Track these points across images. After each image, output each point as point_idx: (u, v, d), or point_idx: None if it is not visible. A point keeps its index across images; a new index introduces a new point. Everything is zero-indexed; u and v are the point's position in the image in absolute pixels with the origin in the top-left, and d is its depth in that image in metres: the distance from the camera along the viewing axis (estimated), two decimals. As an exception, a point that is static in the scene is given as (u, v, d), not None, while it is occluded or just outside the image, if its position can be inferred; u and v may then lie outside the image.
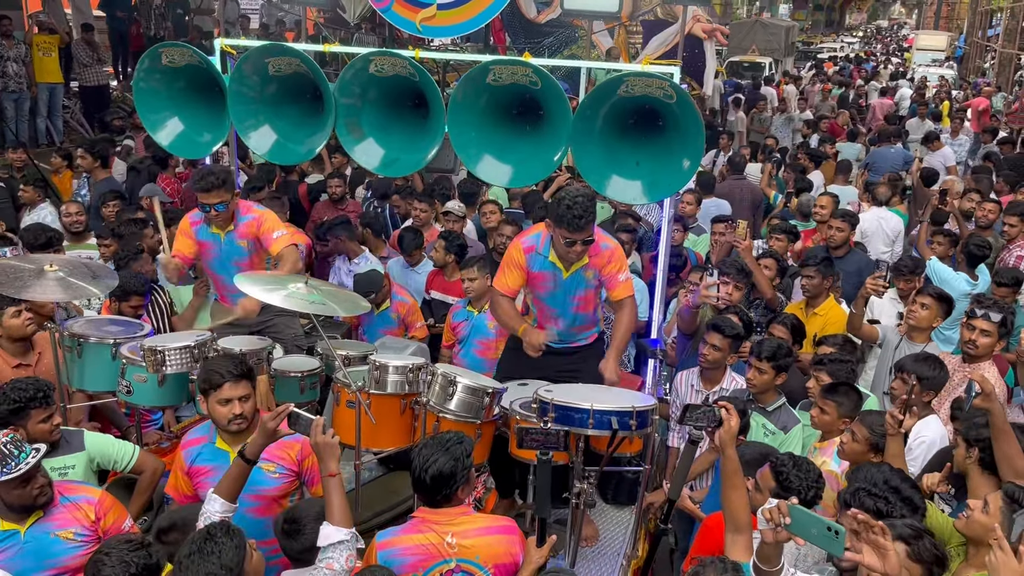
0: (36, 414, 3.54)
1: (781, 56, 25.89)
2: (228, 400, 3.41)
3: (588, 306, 4.39)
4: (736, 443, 3.16)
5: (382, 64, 4.75)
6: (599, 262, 4.27)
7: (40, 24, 11.82)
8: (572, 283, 4.28)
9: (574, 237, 4.08)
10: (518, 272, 4.33)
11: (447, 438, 3.14)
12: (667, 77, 4.40)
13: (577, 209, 3.99)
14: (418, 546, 3.03)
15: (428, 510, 3.12)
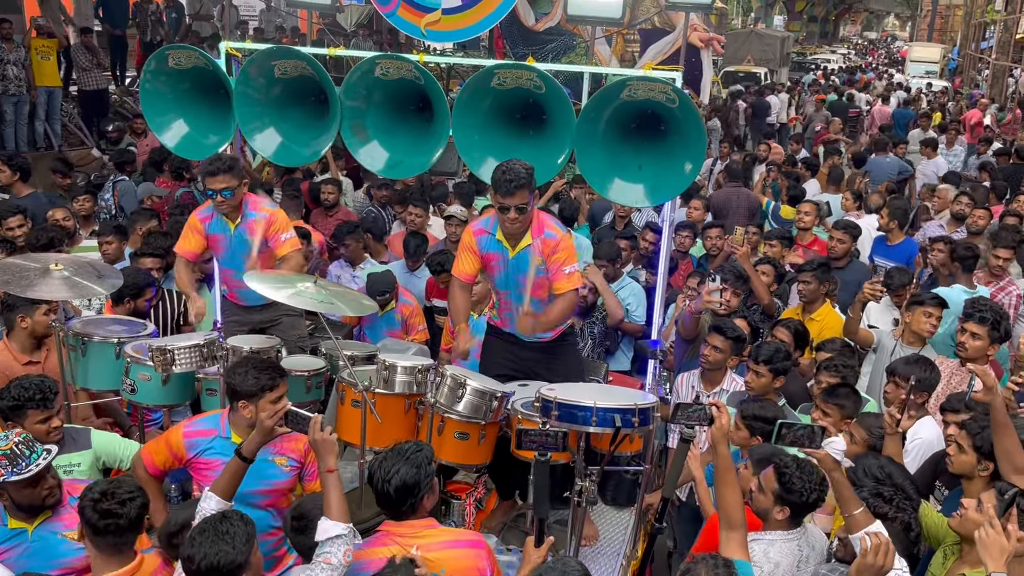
0: (33, 415, 3.55)
1: (776, 66, 26.08)
2: (280, 397, 3.44)
3: (541, 294, 4.32)
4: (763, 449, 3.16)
5: (387, 67, 4.80)
6: (544, 248, 4.22)
7: (38, 28, 11.84)
8: (518, 263, 4.26)
9: (506, 202, 4.06)
10: (471, 255, 4.34)
11: (406, 448, 3.09)
12: (670, 81, 4.46)
13: (509, 174, 4.01)
14: (382, 560, 2.95)
15: (393, 523, 3.08)
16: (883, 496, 3.14)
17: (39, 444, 3.12)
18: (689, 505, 4.69)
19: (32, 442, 3.09)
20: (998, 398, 3.40)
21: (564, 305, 4.25)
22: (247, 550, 2.67)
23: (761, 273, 5.85)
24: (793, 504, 3.21)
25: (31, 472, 3.02)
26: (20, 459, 3.01)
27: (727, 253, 6.40)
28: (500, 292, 4.42)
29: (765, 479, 3.31)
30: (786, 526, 3.27)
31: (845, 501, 2.98)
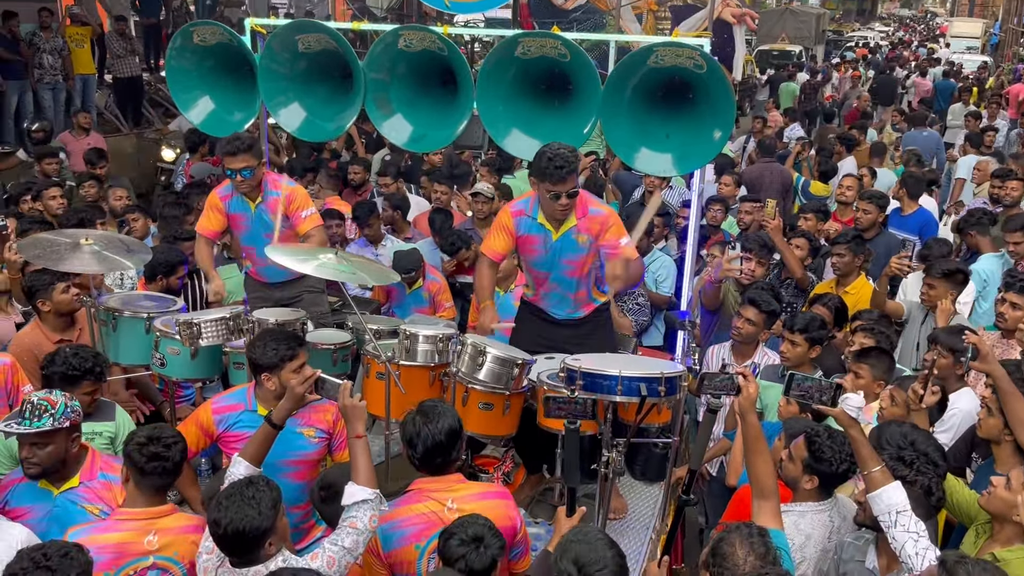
0: (87, 385, 3.63)
1: (811, 44, 25.58)
2: (302, 365, 3.47)
3: (581, 272, 4.29)
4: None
5: (411, 39, 4.76)
6: (591, 227, 4.17)
7: (73, 16, 11.99)
8: (562, 245, 4.21)
9: (558, 189, 4.00)
10: (506, 236, 4.28)
11: (435, 406, 3.14)
12: (698, 47, 4.36)
13: (558, 160, 3.94)
14: (419, 516, 3.02)
15: (426, 479, 3.11)
16: (903, 459, 3.05)
17: (54, 414, 3.14)
18: (719, 480, 4.62)
19: (47, 409, 3.12)
20: (995, 367, 3.33)
21: (631, 271, 4.18)
22: (273, 515, 2.68)
23: (795, 247, 5.73)
24: (822, 473, 3.15)
25: (22, 430, 3.09)
26: (25, 415, 3.10)
27: (759, 226, 6.30)
28: (539, 272, 4.36)
29: (795, 448, 3.25)
30: (816, 497, 3.20)
31: (863, 459, 2.90)
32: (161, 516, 2.99)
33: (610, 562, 2.50)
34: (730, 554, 2.55)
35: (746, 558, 2.53)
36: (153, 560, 2.91)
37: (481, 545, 2.68)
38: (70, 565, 2.48)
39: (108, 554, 2.87)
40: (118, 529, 2.94)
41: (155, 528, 2.95)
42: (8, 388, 4.04)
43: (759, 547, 2.56)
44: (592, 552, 2.51)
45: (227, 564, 2.73)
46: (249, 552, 2.68)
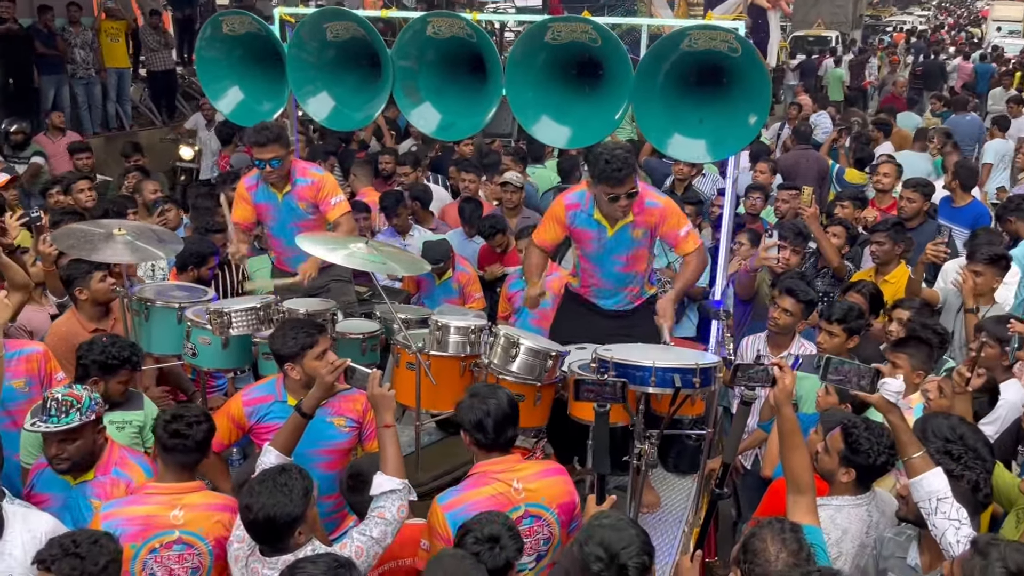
0: (123, 374, 3.68)
1: (848, 29, 25.11)
2: (324, 352, 3.48)
3: (636, 266, 4.27)
4: None
5: (439, 26, 4.71)
6: (649, 220, 4.15)
7: (108, 11, 12.12)
8: (617, 241, 4.19)
9: (616, 191, 3.97)
10: (558, 227, 4.28)
11: (483, 387, 3.23)
12: (732, 30, 4.26)
13: (616, 163, 3.89)
14: (488, 499, 3.02)
15: (488, 462, 3.11)
16: (951, 453, 2.95)
17: (79, 410, 3.14)
18: (754, 473, 4.55)
19: (73, 405, 3.12)
20: None
21: (698, 259, 4.23)
22: (304, 503, 2.69)
23: (831, 235, 5.60)
24: (859, 466, 3.06)
25: (47, 428, 3.09)
26: (49, 412, 3.10)
27: (795, 214, 6.17)
28: (590, 265, 4.33)
29: (831, 440, 3.16)
30: (853, 490, 3.12)
31: (903, 445, 2.81)
32: (187, 492, 3.04)
33: (635, 539, 2.47)
34: (762, 550, 2.49)
35: (778, 554, 2.47)
36: (179, 534, 2.95)
37: (497, 546, 2.65)
38: (99, 552, 2.50)
39: (136, 526, 2.93)
40: (145, 502, 2.99)
41: (181, 503, 2.99)
42: (41, 376, 4.07)
43: (792, 543, 2.49)
44: (617, 533, 2.47)
45: (257, 553, 2.74)
46: (279, 540, 2.68)
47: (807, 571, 2.43)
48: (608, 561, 2.43)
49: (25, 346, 4.10)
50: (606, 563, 2.43)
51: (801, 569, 2.43)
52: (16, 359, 3.93)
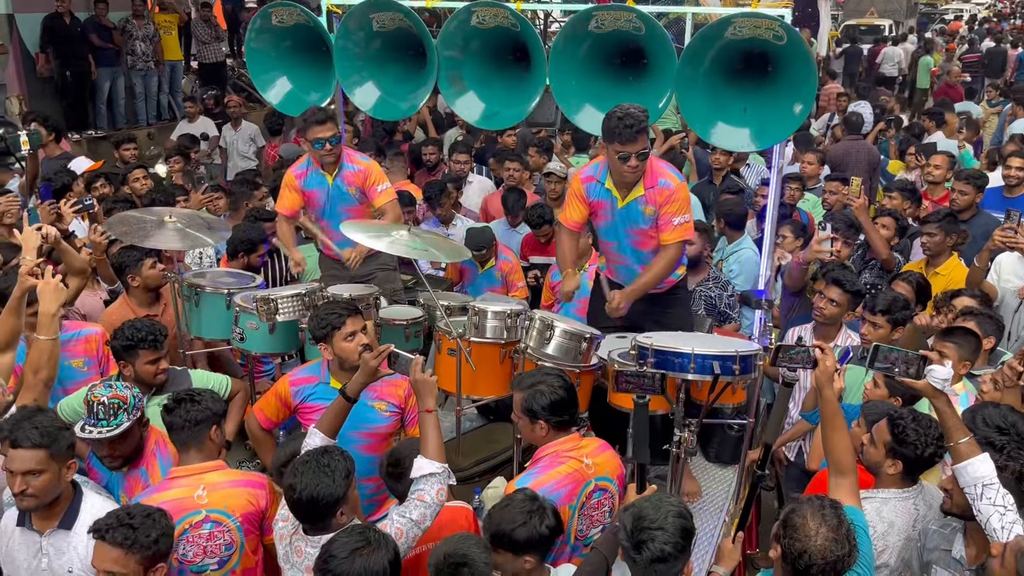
0: (144, 354, 3.70)
1: (902, 18, 24.47)
2: (352, 333, 3.54)
3: (649, 245, 4.23)
4: None
5: (484, 15, 4.74)
6: (657, 198, 4.09)
7: (161, 4, 12.40)
8: (627, 214, 4.16)
9: (627, 150, 3.92)
10: (579, 203, 4.26)
11: (542, 369, 3.29)
12: (778, 17, 4.20)
13: (628, 119, 3.86)
14: (564, 476, 3.09)
15: (555, 443, 3.17)
16: (993, 444, 2.90)
17: (125, 412, 3.17)
18: (798, 465, 4.51)
19: (120, 408, 3.15)
20: None
21: (668, 257, 4.15)
22: (346, 484, 2.74)
23: (881, 226, 5.50)
24: (906, 458, 3.02)
25: (94, 435, 3.12)
26: (97, 417, 3.12)
27: (843, 205, 6.08)
28: (606, 241, 4.34)
29: (877, 431, 3.12)
30: (899, 483, 3.08)
31: (949, 430, 2.78)
32: (207, 471, 3.09)
33: (669, 526, 2.48)
34: (801, 525, 2.47)
35: (818, 529, 2.45)
36: (205, 513, 3.01)
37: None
38: (152, 526, 2.58)
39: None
40: (171, 487, 3.05)
41: (203, 483, 3.05)
42: (99, 356, 4.22)
43: (831, 519, 2.47)
44: (655, 512, 2.50)
45: (300, 531, 2.80)
46: (321, 519, 2.73)
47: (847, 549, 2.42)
48: (628, 531, 2.48)
49: (84, 327, 4.26)
50: (626, 531, 2.49)
51: (841, 544, 2.42)
52: (75, 340, 4.09)
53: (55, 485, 2.83)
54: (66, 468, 2.87)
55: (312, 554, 2.71)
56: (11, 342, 3.63)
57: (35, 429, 2.82)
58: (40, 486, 2.79)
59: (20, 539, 2.90)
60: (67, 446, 2.87)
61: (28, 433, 2.80)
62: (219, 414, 3.17)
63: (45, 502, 2.84)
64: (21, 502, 2.83)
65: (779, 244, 5.46)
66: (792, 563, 2.46)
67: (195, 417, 3.08)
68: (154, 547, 2.56)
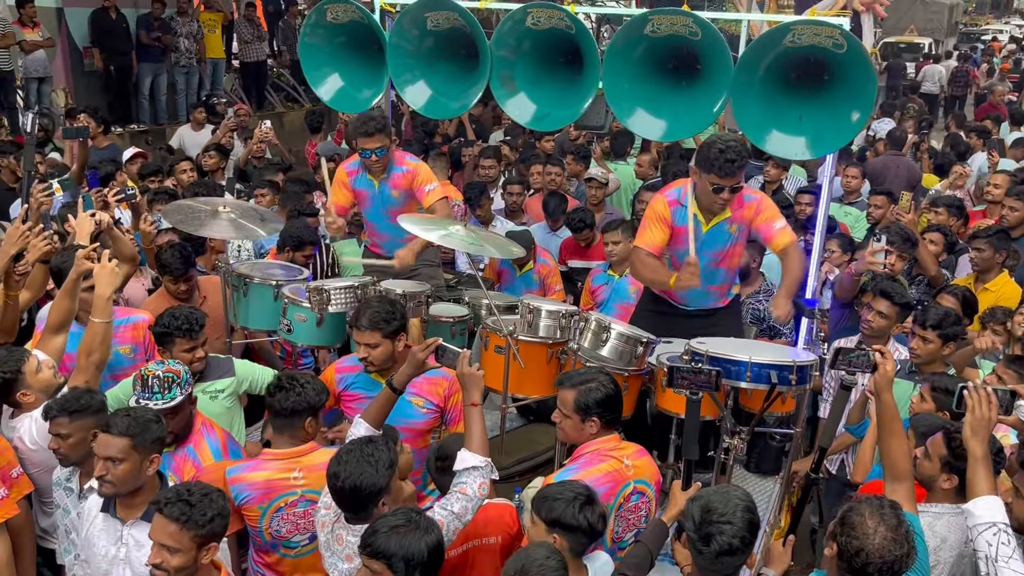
0: (180, 342, 3.74)
1: (943, 36, 24.25)
2: (358, 344, 3.62)
3: (727, 262, 4.23)
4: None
5: (539, 16, 4.76)
6: (745, 214, 4.10)
7: (206, 3, 12.57)
8: (712, 237, 4.14)
9: (723, 183, 3.92)
10: (663, 227, 4.16)
11: (592, 369, 3.28)
12: (838, 26, 4.18)
13: (730, 153, 3.84)
14: (604, 475, 3.08)
15: (597, 441, 3.15)
16: None
17: (175, 388, 3.23)
18: (839, 478, 4.45)
19: (172, 383, 3.21)
20: None
21: (797, 257, 4.12)
22: (389, 475, 2.76)
23: (929, 242, 5.44)
24: (963, 473, 2.96)
25: (151, 405, 3.15)
26: (151, 390, 3.19)
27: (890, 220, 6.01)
28: (680, 263, 4.24)
29: (932, 444, 3.08)
30: (953, 498, 3.02)
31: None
32: (304, 455, 3.17)
33: (737, 519, 2.46)
34: (859, 523, 2.45)
35: (876, 528, 2.42)
36: (301, 493, 3.11)
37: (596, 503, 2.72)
38: (208, 505, 2.59)
39: (259, 490, 3.12)
40: (265, 468, 3.14)
41: (299, 466, 3.14)
42: (146, 343, 4.26)
43: (890, 519, 2.45)
44: (725, 506, 2.47)
45: (342, 520, 2.81)
46: (363, 509, 2.75)
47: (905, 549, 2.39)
48: (696, 522, 2.47)
49: (132, 314, 4.31)
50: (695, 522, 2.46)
51: (899, 544, 2.39)
52: (123, 326, 4.14)
53: (134, 476, 2.84)
54: (148, 461, 2.88)
55: (353, 543, 2.72)
56: (64, 323, 3.70)
57: (127, 416, 2.87)
58: (119, 474, 2.81)
59: (102, 525, 2.92)
60: (153, 440, 2.89)
61: (119, 419, 2.85)
62: (316, 406, 3.22)
63: (122, 491, 2.86)
64: (100, 487, 2.86)
65: (826, 258, 5.42)
66: (848, 561, 2.43)
67: (291, 407, 3.14)
68: (209, 526, 2.57)
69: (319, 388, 3.26)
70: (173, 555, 2.52)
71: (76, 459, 3.13)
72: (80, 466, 3.17)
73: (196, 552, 2.56)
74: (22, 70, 9.89)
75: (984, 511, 2.73)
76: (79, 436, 3.06)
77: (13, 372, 3.34)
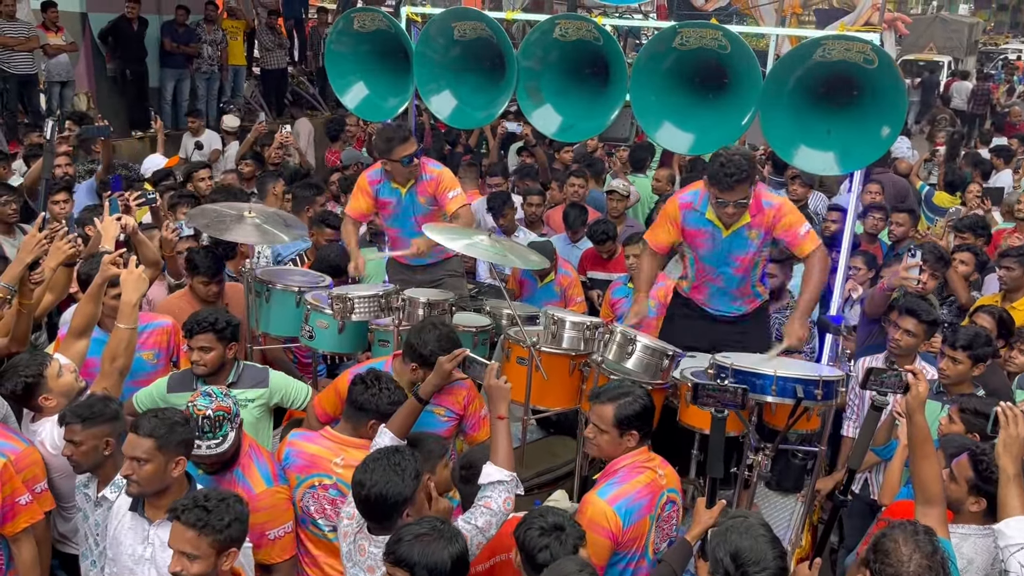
0: (200, 339, 3.70)
1: (962, 55, 24.12)
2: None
3: (748, 267, 4.20)
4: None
5: (567, 28, 4.76)
6: (764, 220, 4.07)
7: (229, 10, 12.67)
8: (731, 242, 4.13)
9: (725, 198, 3.93)
10: (671, 227, 4.24)
11: (621, 381, 3.29)
12: (869, 41, 4.16)
13: (730, 167, 3.84)
14: (645, 487, 3.06)
15: (631, 454, 3.11)
16: None
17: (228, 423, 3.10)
18: (862, 498, 4.39)
19: (222, 422, 3.08)
20: None
21: (820, 264, 4.12)
22: (414, 485, 2.74)
23: (959, 262, 5.38)
24: (991, 495, 2.92)
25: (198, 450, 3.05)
26: (199, 430, 3.04)
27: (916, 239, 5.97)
28: (706, 267, 4.27)
29: (958, 467, 3.03)
30: (981, 520, 2.98)
31: None
32: (353, 447, 3.22)
33: (771, 564, 2.38)
34: (894, 550, 2.40)
35: (911, 555, 2.38)
36: (335, 480, 3.15)
37: (563, 533, 2.62)
38: (224, 511, 2.56)
39: (304, 460, 3.23)
40: (317, 442, 3.27)
41: (344, 454, 3.20)
42: (169, 349, 4.26)
43: (925, 545, 2.40)
44: (754, 550, 2.38)
45: (365, 530, 2.79)
46: (387, 518, 2.72)
47: None
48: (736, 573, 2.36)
49: (155, 319, 4.30)
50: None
51: (935, 572, 2.34)
52: (147, 332, 4.12)
53: (160, 477, 2.82)
54: (174, 463, 2.85)
55: (375, 553, 2.70)
56: (87, 328, 3.69)
57: (155, 417, 2.85)
58: (144, 475, 2.79)
59: (130, 523, 2.90)
60: (179, 442, 2.86)
61: (146, 420, 2.83)
62: (383, 413, 3.25)
63: (148, 491, 2.84)
64: (128, 487, 2.86)
65: (852, 276, 5.37)
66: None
67: (361, 403, 3.27)
68: (226, 531, 2.55)
69: (394, 399, 3.28)
70: (193, 562, 2.50)
71: (88, 466, 3.11)
72: (94, 473, 3.15)
73: (216, 558, 2.54)
74: (45, 74, 9.98)
75: (1017, 532, 2.68)
76: (91, 444, 3.04)
77: (35, 376, 3.33)
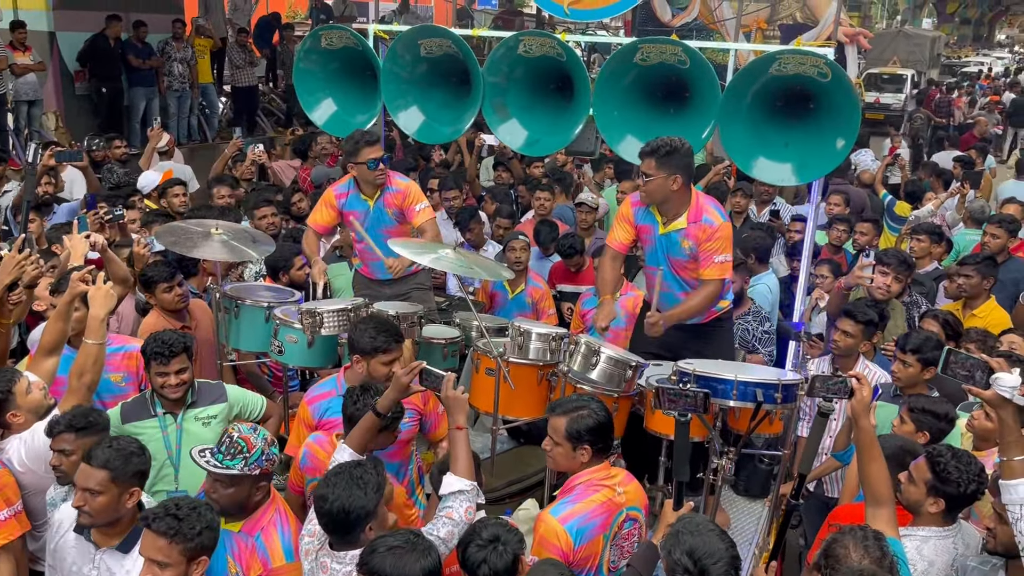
0: (154, 365, 3.60)
1: (925, 68, 24.61)
2: (391, 361, 3.58)
3: (688, 275, 4.29)
4: None
5: (531, 44, 4.85)
6: (698, 233, 4.16)
7: (197, 28, 12.67)
8: (667, 241, 4.24)
9: (639, 168, 4.10)
10: (627, 225, 4.38)
11: (584, 396, 3.29)
12: (823, 55, 4.29)
13: (652, 143, 4.04)
14: (600, 505, 3.04)
15: (590, 471, 3.10)
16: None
17: (241, 458, 2.95)
18: (817, 495, 4.47)
19: (238, 451, 2.94)
20: None
21: (706, 293, 4.21)
22: (376, 498, 2.73)
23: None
24: (949, 496, 2.98)
25: (203, 458, 2.98)
26: (226, 448, 2.97)
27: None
28: (649, 267, 4.39)
29: (916, 469, 3.08)
30: (940, 521, 3.04)
31: (1007, 445, 2.71)
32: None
33: (724, 554, 2.45)
34: (844, 556, 2.47)
35: (861, 560, 2.45)
36: None
37: (499, 544, 2.61)
38: (196, 519, 2.56)
39: (313, 463, 3.36)
40: (327, 449, 3.30)
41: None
42: (139, 374, 4.18)
43: (874, 551, 2.47)
44: (707, 544, 2.45)
45: (327, 547, 2.77)
46: (350, 532, 2.71)
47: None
48: (695, 572, 2.41)
49: (127, 343, 4.23)
50: (692, 574, 2.41)
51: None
52: (117, 355, 4.08)
53: (112, 508, 2.80)
54: (128, 495, 2.83)
55: (338, 570, 2.69)
56: (57, 346, 3.67)
57: (109, 448, 2.81)
58: (96, 506, 2.76)
59: (75, 543, 2.89)
60: (133, 473, 2.83)
61: (100, 451, 2.80)
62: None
63: (99, 523, 2.82)
64: (79, 517, 2.82)
65: (818, 284, 5.48)
66: None
67: (350, 415, 3.29)
68: (197, 539, 2.55)
69: (397, 415, 3.31)
70: (164, 570, 2.51)
71: (73, 478, 3.05)
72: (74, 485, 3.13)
73: (186, 566, 2.54)
74: (12, 93, 9.94)
75: None
76: (82, 454, 2.98)
77: (3, 392, 3.31)
